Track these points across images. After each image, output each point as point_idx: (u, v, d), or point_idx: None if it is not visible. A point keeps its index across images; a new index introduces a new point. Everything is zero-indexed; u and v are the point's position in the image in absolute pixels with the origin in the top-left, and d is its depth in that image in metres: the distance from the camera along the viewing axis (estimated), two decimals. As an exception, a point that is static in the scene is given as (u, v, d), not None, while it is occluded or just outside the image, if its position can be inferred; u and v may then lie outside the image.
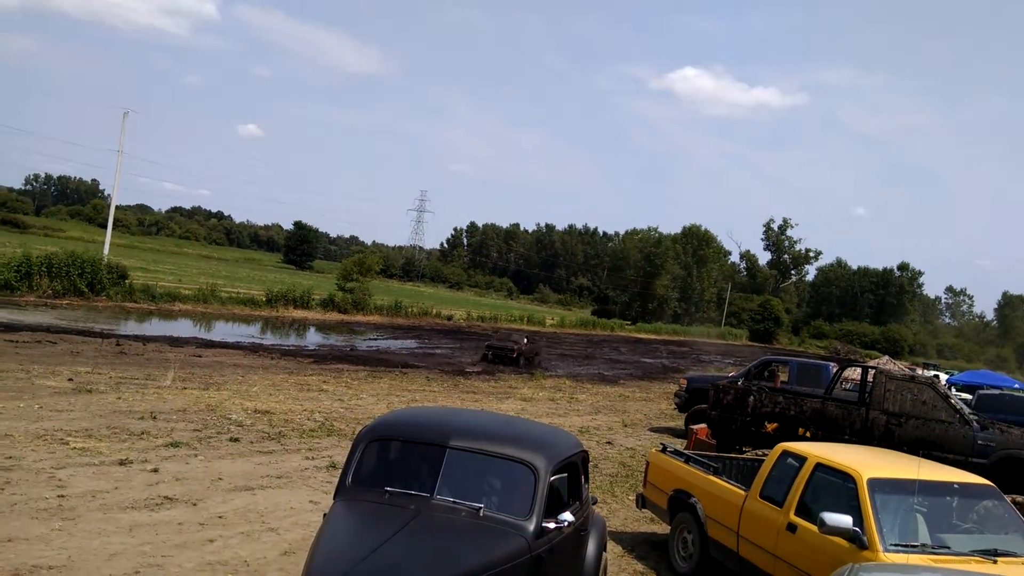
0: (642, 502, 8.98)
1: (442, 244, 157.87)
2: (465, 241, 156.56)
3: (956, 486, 6.36)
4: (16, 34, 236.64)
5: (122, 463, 9.22)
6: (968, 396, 20.95)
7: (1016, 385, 30.15)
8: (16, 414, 11.02)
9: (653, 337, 75.07)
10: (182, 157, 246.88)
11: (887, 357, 36.83)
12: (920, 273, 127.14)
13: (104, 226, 47.62)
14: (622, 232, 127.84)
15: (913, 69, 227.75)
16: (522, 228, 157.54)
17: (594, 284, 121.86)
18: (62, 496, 7.77)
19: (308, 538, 7.09)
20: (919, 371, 25.37)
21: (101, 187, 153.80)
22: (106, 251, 37.93)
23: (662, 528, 9.14)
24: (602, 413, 19.76)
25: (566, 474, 5.32)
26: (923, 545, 5.69)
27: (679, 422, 18.53)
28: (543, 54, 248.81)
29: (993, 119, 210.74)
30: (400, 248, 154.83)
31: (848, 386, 17.67)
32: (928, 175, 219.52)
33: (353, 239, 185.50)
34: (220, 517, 7.82)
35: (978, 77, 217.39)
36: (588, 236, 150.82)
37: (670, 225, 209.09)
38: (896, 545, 5.61)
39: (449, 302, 69.00)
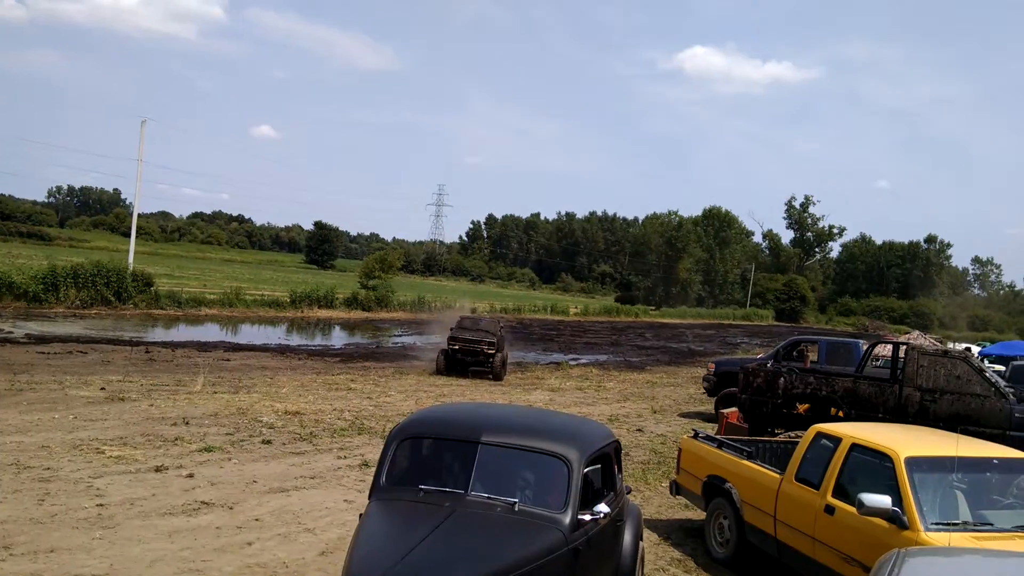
0: (676, 489, 8.94)
1: (462, 237, 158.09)
2: (485, 233, 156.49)
3: (995, 461, 6.27)
4: (31, 48, 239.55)
5: (158, 470, 9.32)
6: (1002, 368, 20.63)
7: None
8: (52, 425, 11.17)
9: (678, 321, 74.72)
10: (200, 162, 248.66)
11: (917, 332, 36.38)
12: (948, 245, 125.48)
13: (127, 235, 48.06)
14: (642, 217, 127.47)
15: (932, 38, 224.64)
16: (542, 218, 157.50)
17: (616, 271, 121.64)
18: (101, 505, 7.86)
19: (344, 538, 7.14)
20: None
21: (123, 196, 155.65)
22: (131, 259, 38.32)
23: (697, 514, 9.11)
24: (631, 400, 19.72)
25: (599, 465, 5.30)
26: (964, 523, 5.62)
27: (709, 407, 18.45)
28: (555, 43, 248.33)
29: (1018, 84, 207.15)
30: (420, 243, 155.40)
31: (879, 363, 17.48)
32: (951, 145, 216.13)
33: (373, 236, 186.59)
34: (257, 520, 7.88)
35: (999, 44, 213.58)
36: (608, 223, 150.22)
37: (691, 208, 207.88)
38: (937, 524, 5.54)
39: (472, 295, 69.00)
